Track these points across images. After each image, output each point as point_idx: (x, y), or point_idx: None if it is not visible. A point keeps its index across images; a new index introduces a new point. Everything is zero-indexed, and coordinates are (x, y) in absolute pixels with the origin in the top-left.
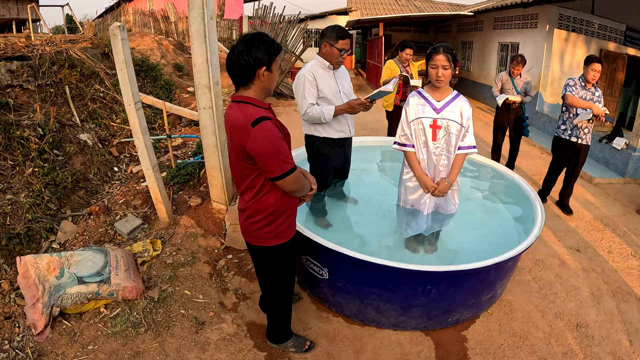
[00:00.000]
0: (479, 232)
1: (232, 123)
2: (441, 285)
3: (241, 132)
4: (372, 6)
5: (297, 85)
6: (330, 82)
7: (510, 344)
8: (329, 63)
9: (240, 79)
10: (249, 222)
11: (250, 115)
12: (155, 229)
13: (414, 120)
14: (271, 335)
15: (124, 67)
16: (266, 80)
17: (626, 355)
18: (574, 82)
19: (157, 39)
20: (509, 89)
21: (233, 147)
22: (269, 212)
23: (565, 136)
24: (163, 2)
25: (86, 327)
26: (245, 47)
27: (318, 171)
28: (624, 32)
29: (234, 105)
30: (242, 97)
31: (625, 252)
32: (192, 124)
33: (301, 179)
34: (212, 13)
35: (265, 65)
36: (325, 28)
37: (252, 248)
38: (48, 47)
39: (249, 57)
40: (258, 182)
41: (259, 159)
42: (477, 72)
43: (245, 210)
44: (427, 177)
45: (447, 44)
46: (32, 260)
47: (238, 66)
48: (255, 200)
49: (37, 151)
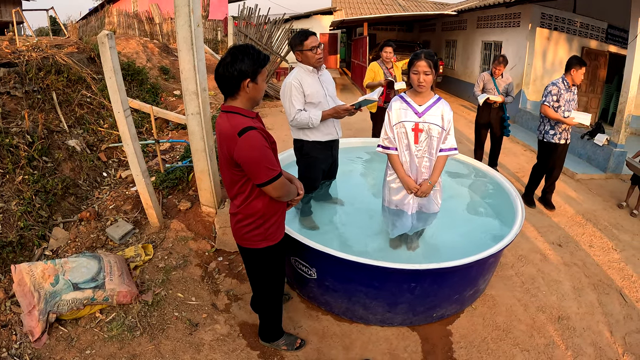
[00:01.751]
0: (462, 230)
1: (220, 132)
2: (425, 282)
3: (229, 141)
4: (357, 6)
5: (284, 93)
6: (317, 86)
7: (493, 337)
8: (311, 67)
9: (227, 90)
10: (239, 226)
11: (237, 125)
12: (146, 233)
13: (397, 124)
14: (263, 334)
15: (112, 75)
16: (251, 91)
17: (607, 346)
18: (557, 88)
19: (142, 42)
20: (491, 89)
21: (222, 155)
22: (258, 216)
23: (555, 140)
24: (147, 3)
25: (83, 332)
26: (231, 60)
27: (307, 174)
28: (605, 29)
29: (223, 115)
30: (230, 107)
31: (607, 246)
32: (179, 128)
33: (286, 185)
34: (199, 20)
35: (249, 77)
36: (290, 40)
37: (243, 250)
38: (34, 53)
39: (234, 70)
40: (247, 188)
41: (245, 167)
42: (461, 70)
43: (236, 215)
44: (410, 179)
45: (429, 50)
46: (27, 268)
47: (224, 77)
48: (244, 205)
49: (26, 158)
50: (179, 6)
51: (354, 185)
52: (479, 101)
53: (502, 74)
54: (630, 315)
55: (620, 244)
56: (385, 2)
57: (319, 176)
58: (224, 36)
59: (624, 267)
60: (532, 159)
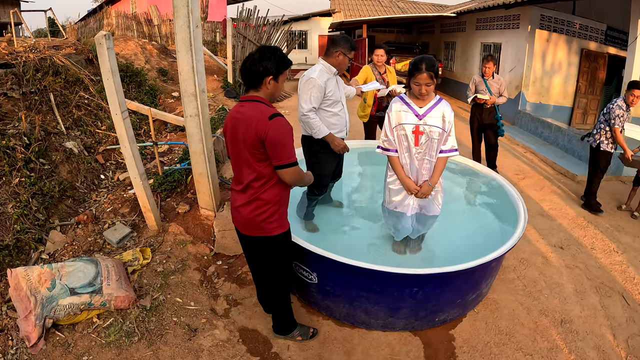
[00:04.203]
0: (464, 233)
1: (243, 117)
2: (427, 287)
3: (257, 123)
4: (356, 7)
5: (305, 86)
6: (335, 88)
7: (496, 342)
8: (335, 70)
9: (251, 82)
10: (256, 213)
11: (267, 111)
12: (144, 237)
13: (397, 126)
14: (278, 328)
15: (110, 77)
16: (271, 88)
17: (610, 349)
18: (622, 111)
19: (140, 44)
20: (482, 90)
21: (239, 141)
22: (275, 200)
23: (609, 149)
24: (146, 5)
25: (80, 337)
26: (259, 57)
27: (318, 171)
28: (604, 31)
29: (245, 104)
30: (253, 97)
31: (608, 248)
32: (177, 130)
33: (301, 172)
34: (198, 21)
35: (272, 75)
36: (336, 37)
37: (255, 240)
38: (32, 54)
39: (260, 65)
40: (267, 172)
41: (271, 147)
42: (460, 72)
43: (252, 202)
44: (410, 180)
45: (430, 58)
46: (23, 272)
47: (250, 71)
48: (263, 191)
49: (23, 161)
50: (177, 7)
51: (354, 188)
52: (468, 101)
53: (492, 75)
54: (632, 317)
55: (621, 246)
56: (384, 4)
57: (329, 173)
58: (223, 38)
59: (625, 269)
60: (532, 160)
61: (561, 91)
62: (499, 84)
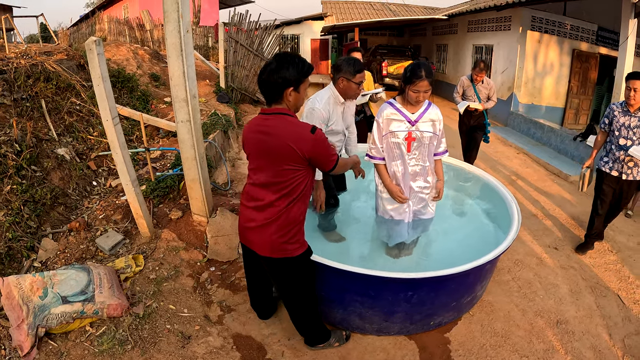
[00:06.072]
0: (457, 236)
1: (275, 132)
2: (422, 291)
3: (298, 139)
4: (348, 11)
5: (308, 116)
6: (339, 119)
7: (492, 344)
8: (343, 99)
9: (271, 95)
10: (278, 235)
11: (303, 125)
12: (136, 243)
13: (387, 134)
14: (312, 340)
15: (100, 83)
16: (293, 99)
17: (606, 349)
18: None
19: (132, 49)
20: (471, 95)
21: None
22: (299, 220)
23: (606, 169)
24: (138, 10)
25: (73, 346)
26: (276, 67)
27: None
28: (595, 32)
29: (271, 117)
30: (277, 109)
31: (602, 247)
32: (170, 135)
33: (346, 163)
34: (188, 26)
35: (293, 86)
36: (339, 61)
37: (276, 262)
38: (23, 60)
39: (278, 77)
40: (297, 190)
41: (318, 159)
42: (452, 74)
43: (274, 222)
44: (395, 186)
45: (426, 64)
46: (15, 280)
47: (268, 83)
48: (287, 208)
49: (14, 168)
50: (168, 12)
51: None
52: (459, 109)
53: (482, 80)
54: (628, 317)
55: (616, 245)
56: (376, 7)
57: (333, 186)
58: (215, 42)
59: (620, 268)
60: (525, 161)
61: (553, 92)
62: (488, 89)
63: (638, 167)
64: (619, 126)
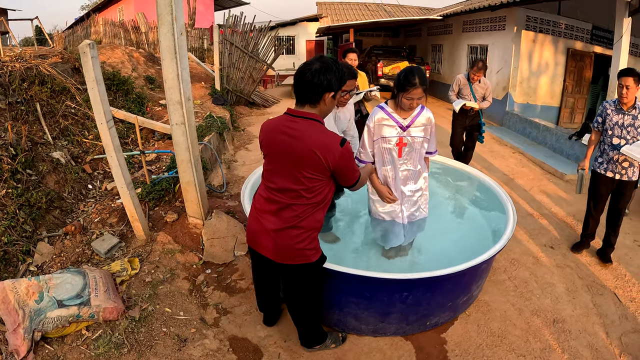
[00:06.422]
0: (453, 236)
1: (302, 137)
2: (418, 291)
3: (328, 149)
4: (343, 12)
5: None
6: (330, 125)
7: (489, 344)
8: None
9: (308, 97)
10: (296, 242)
11: (333, 135)
12: (132, 247)
13: (379, 139)
14: (309, 341)
15: (94, 86)
16: (328, 105)
17: (603, 347)
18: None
19: (127, 51)
20: (467, 94)
21: (290, 159)
22: (317, 227)
23: (601, 170)
24: (133, 12)
25: (69, 350)
26: (323, 68)
27: None
28: (590, 31)
29: (300, 121)
30: (309, 114)
31: (599, 245)
32: (165, 138)
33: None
34: (182, 29)
35: (334, 91)
36: None
37: (293, 268)
38: (18, 64)
39: (324, 79)
40: (318, 197)
41: (342, 173)
42: (447, 74)
43: (293, 229)
44: (383, 187)
45: (420, 69)
46: (11, 285)
47: (311, 84)
48: (307, 217)
49: (9, 171)
50: (162, 15)
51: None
52: (454, 108)
53: (479, 80)
54: (625, 315)
55: None
56: (371, 8)
57: None
58: (210, 44)
59: (616, 266)
60: (521, 161)
61: (548, 91)
62: (484, 89)
63: (633, 166)
64: (612, 125)
